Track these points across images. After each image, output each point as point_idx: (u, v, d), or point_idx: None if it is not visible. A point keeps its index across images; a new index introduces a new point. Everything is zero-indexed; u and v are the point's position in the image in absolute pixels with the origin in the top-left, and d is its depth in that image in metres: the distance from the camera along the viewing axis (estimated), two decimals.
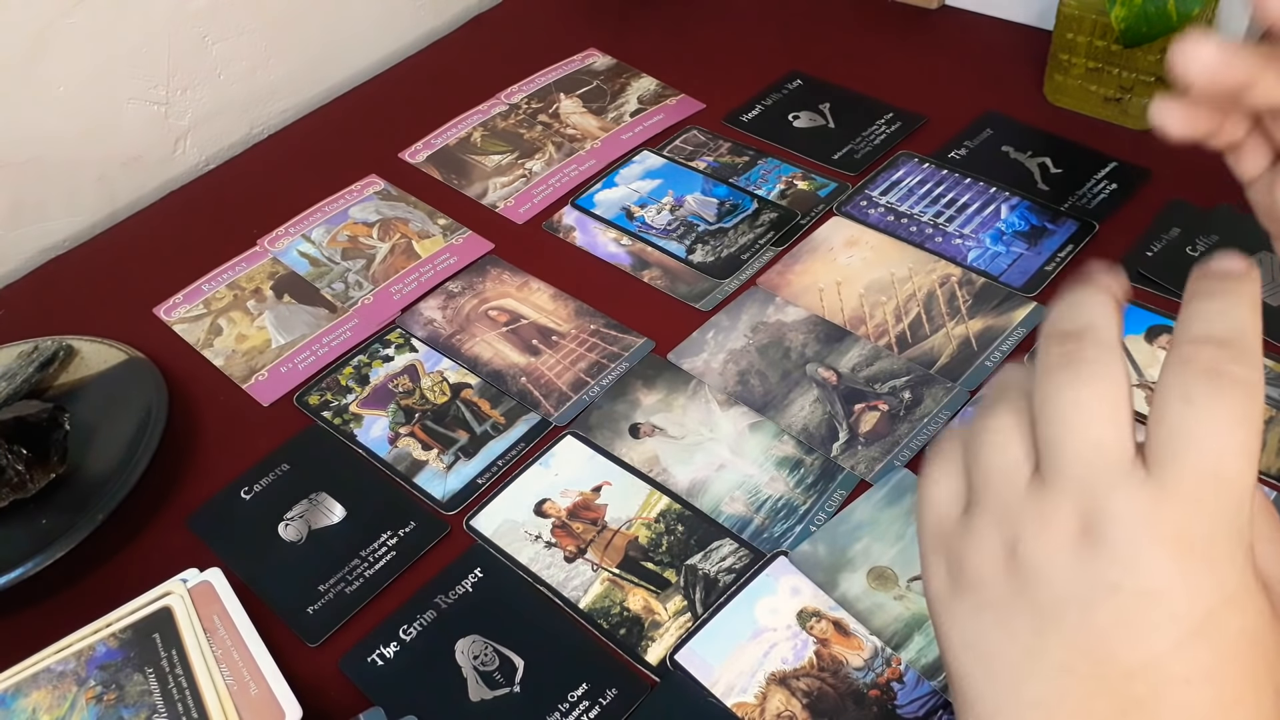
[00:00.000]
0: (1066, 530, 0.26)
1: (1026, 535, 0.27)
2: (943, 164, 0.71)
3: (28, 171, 0.74)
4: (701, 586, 0.50)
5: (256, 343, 0.66)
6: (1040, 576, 0.26)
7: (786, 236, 0.67)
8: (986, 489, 0.28)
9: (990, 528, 0.28)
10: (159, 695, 0.46)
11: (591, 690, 0.47)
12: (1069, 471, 0.26)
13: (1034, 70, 0.76)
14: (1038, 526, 0.27)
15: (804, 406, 0.57)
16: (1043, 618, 0.27)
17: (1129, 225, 0.64)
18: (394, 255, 0.70)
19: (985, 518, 0.28)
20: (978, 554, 0.28)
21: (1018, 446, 0.28)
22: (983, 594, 0.28)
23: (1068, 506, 0.26)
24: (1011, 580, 0.27)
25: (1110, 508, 0.26)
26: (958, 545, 0.29)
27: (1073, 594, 0.26)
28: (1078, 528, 0.26)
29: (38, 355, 0.63)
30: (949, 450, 0.30)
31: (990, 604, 0.28)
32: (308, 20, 0.85)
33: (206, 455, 0.60)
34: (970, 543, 0.28)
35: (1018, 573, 0.27)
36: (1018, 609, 0.27)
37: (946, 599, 0.29)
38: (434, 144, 0.79)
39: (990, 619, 0.28)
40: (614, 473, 0.55)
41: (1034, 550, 0.27)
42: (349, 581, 0.53)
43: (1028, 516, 0.27)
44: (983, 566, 0.28)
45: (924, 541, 0.31)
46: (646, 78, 0.83)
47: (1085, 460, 0.26)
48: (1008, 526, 0.27)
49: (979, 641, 0.28)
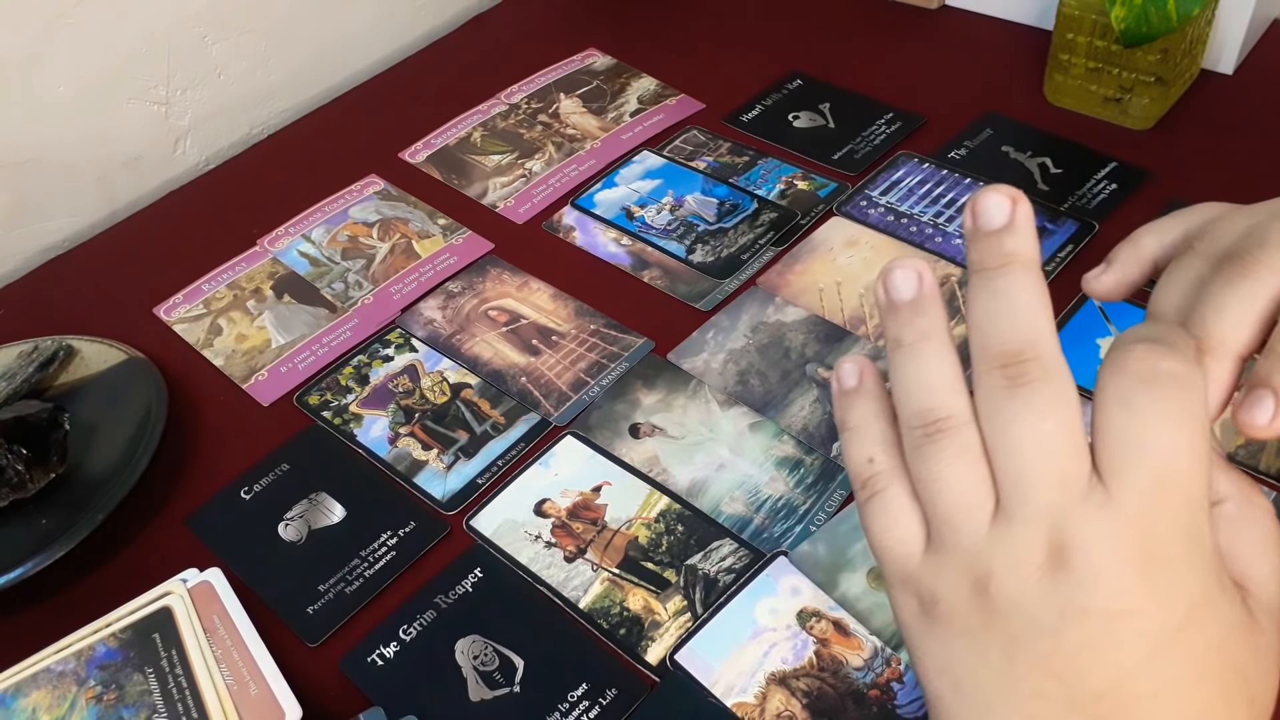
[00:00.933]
0: (1034, 561, 0.26)
1: (997, 570, 0.27)
2: (943, 164, 0.71)
3: (27, 171, 0.74)
4: (701, 586, 0.50)
5: (256, 343, 0.66)
6: (1012, 607, 0.27)
7: (786, 236, 0.67)
8: (950, 532, 0.28)
9: (960, 568, 0.28)
10: (159, 695, 0.46)
11: (591, 690, 0.47)
12: (1034, 506, 0.27)
13: (1034, 70, 0.76)
14: (1008, 562, 0.27)
15: (804, 406, 0.57)
16: (1014, 644, 0.27)
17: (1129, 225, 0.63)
18: (394, 255, 0.70)
19: (953, 559, 0.28)
20: (949, 590, 0.28)
21: (976, 488, 0.28)
22: (954, 625, 0.28)
23: (1036, 541, 0.26)
24: (983, 613, 0.27)
25: (1076, 535, 0.26)
26: (928, 583, 0.29)
27: (1043, 621, 0.26)
28: (1046, 557, 0.26)
29: (38, 355, 0.63)
30: (886, 491, 0.29)
31: (962, 633, 0.28)
32: (308, 20, 0.85)
33: (206, 455, 0.60)
34: (940, 581, 0.28)
35: (989, 606, 0.27)
36: (989, 638, 0.27)
37: (919, 628, 0.29)
38: (434, 144, 0.79)
39: (962, 646, 0.28)
40: (614, 473, 0.55)
41: (1004, 584, 0.27)
42: (349, 581, 0.53)
43: (996, 553, 0.27)
44: (952, 599, 0.28)
45: (889, 581, 0.30)
46: (646, 78, 0.83)
47: (1050, 493, 0.26)
48: (978, 565, 0.27)
49: (952, 667, 0.28)
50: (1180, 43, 0.66)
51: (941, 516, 0.28)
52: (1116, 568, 0.26)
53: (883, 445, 0.30)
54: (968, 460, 0.28)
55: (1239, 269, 0.29)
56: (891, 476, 0.30)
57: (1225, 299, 0.28)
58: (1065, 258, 0.63)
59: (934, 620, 0.29)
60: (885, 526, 0.29)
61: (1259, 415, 0.27)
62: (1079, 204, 0.66)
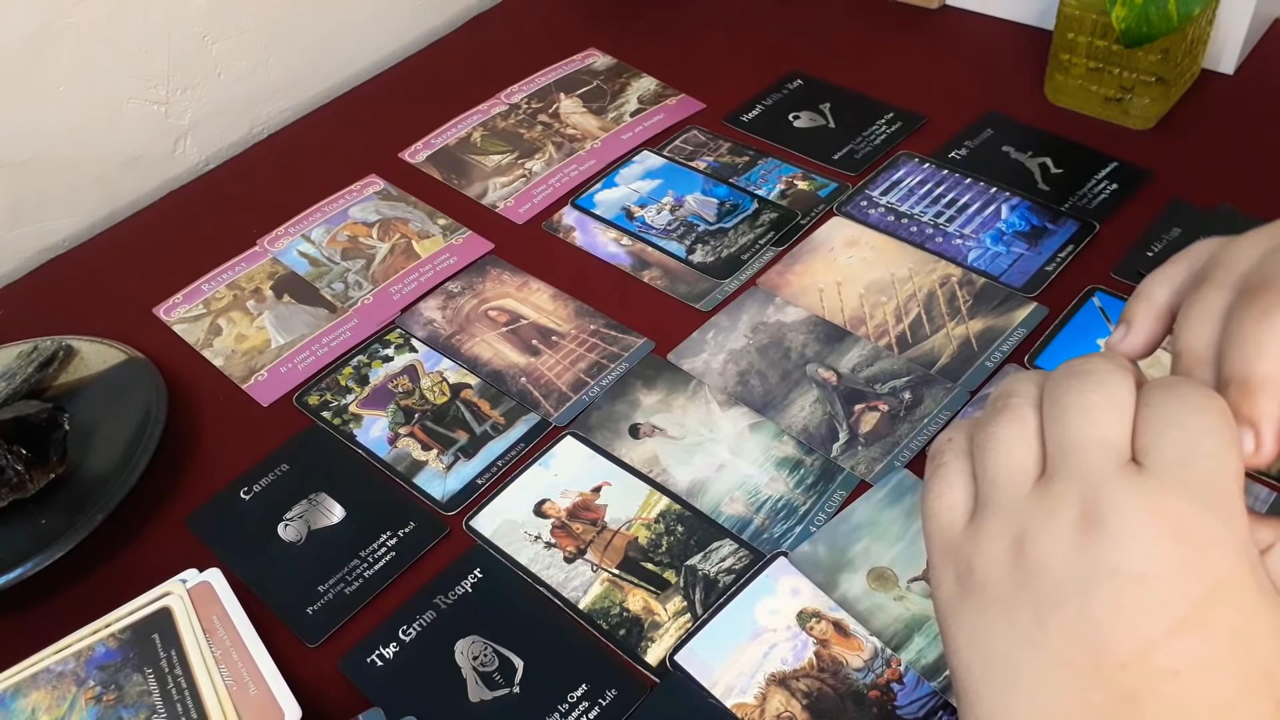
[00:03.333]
0: (1069, 520, 0.28)
1: (1032, 528, 0.28)
2: (943, 164, 0.70)
3: (28, 171, 0.74)
4: (701, 587, 0.50)
5: (256, 343, 0.66)
6: (1044, 566, 0.28)
7: (786, 237, 0.67)
8: (994, 493, 0.30)
9: (998, 528, 0.29)
10: (158, 696, 0.46)
11: (591, 691, 0.47)
12: (1074, 467, 0.28)
13: (1034, 70, 0.76)
14: (1043, 519, 0.28)
15: (804, 407, 0.57)
16: (1044, 606, 0.28)
17: (1130, 225, 0.64)
18: (394, 255, 0.70)
19: (993, 520, 0.29)
20: (985, 555, 0.29)
21: (1025, 452, 0.30)
22: (988, 592, 0.29)
23: (1071, 498, 0.28)
24: (1016, 574, 0.28)
25: (1110, 496, 0.27)
26: (966, 550, 0.30)
27: (1073, 580, 0.27)
28: (1079, 516, 0.28)
29: (37, 355, 0.63)
30: (950, 462, 0.32)
31: (995, 600, 0.29)
32: (308, 20, 0.85)
33: (206, 455, 0.60)
34: (978, 546, 0.30)
35: (1023, 566, 0.28)
36: (1021, 601, 0.28)
37: (954, 603, 0.30)
38: (434, 144, 0.79)
39: (994, 614, 0.29)
40: (614, 473, 0.55)
41: (1039, 541, 0.28)
42: (348, 582, 0.52)
43: (1034, 511, 0.29)
44: (990, 566, 0.29)
45: (932, 552, 0.32)
46: (646, 78, 0.83)
47: (1090, 456, 0.28)
48: (1015, 524, 0.29)
49: (982, 638, 0.29)
50: (1181, 43, 0.66)
51: (989, 477, 0.30)
52: (1148, 531, 0.27)
53: (965, 429, 0.32)
54: (1021, 429, 0.30)
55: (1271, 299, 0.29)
56: (959, 452, 0.32)
57: (1263, 333, 0.29)
58: (1066, 258, 0.63)
59: (968, 592, 0.30)
60: (939, 493, 0.31)
61: None
62: (1080, 204, 0.66)
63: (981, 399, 0.56)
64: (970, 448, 0.32)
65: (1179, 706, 0.26)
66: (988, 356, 0.58)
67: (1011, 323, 0.60)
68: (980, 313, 0.60)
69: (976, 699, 0.29)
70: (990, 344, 0.59)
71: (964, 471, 0.31)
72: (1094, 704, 0.27)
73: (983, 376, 0.57)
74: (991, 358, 0.58)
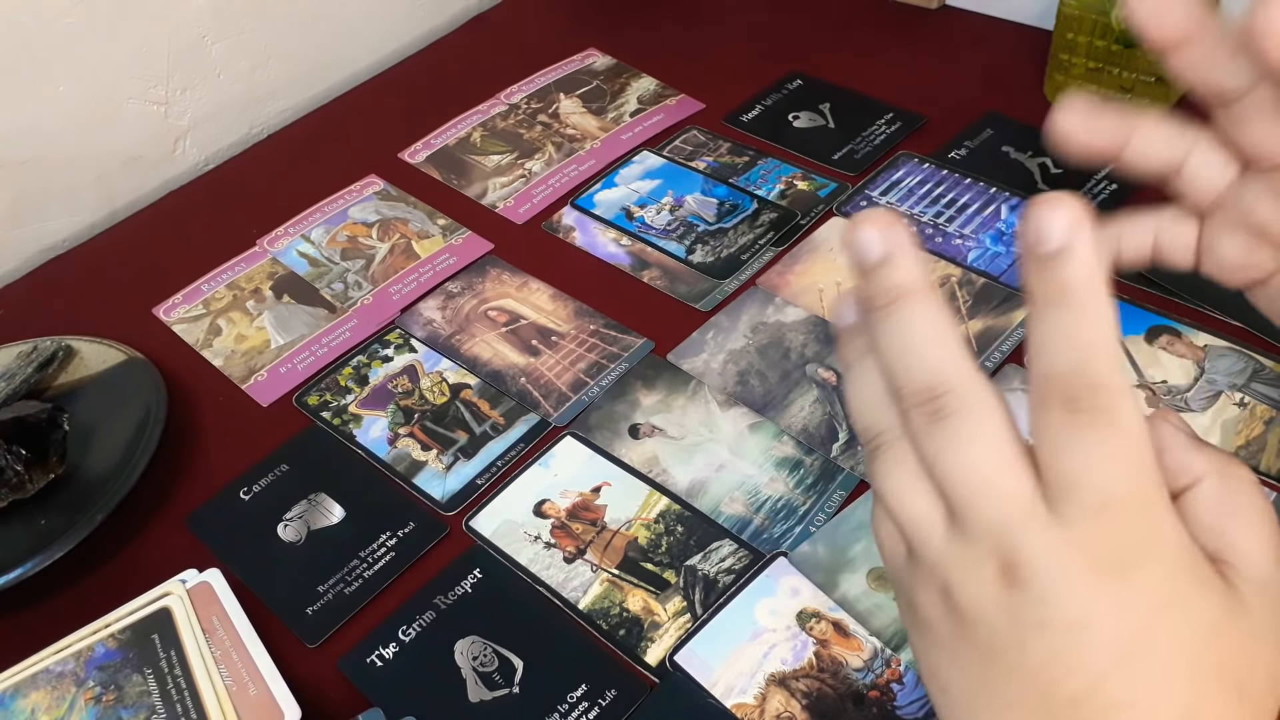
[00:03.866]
0: (988, 576, 0.27)
1: (954, 582, 0.27)
2: (943, 164, 0.70)
3: (28, 171, 0.74)
4: (701, 587, 0.50)
5: (256, 343, 0.66)
6: (974, 619, 0.27)
7: (786, 237, 0.67)
8: (912, 540, 0.28)
9: (925, 577, 0.28)
10: (158, 696, 0.46)
11: (591, 691, 0.47)
12: (980, 525, 0.26)
13: (1034, 70, 0.76)
14: (961, 575, 0.27)
15: (804, 407, 0.57)
16: (985, 655, 0.27)
17: None
18: (393, 255, 0.70)
19: (918, 565, 0.28)
20: (921, 596, 0.29)
21: (920, 501, 0.28)
22: (933, 633, 0.29)
23: (985, 555, 0.26)
24: (951, 623, 0.28)
25: (1024, 552, 0.26)
26: (908, 587, 0.29)
27: (1006, 633, 0.26)
28: (998, 572, 0.26)
29: (37, 355, 0.63)
30: (881, 497, 0.30)
31: (940, 642, 0.28)
32: (308, 20, 0.85)
33: (206, 455, 0.60)
34: (915, 586, 0.29)
35: (955, 616, 0.27)
36: (963, 648, 0.28)
37: (911, 634, 0.30)
38: (434, 144, 0.79)
39: (941, 653, 0.29)
40: (613, 473, 0.55)
41: (964, 593, 0.27)
42: (348, 582, 0.52)
43: (951, 565, 0.27)
44: (927, 609, 0.28)
45: (890, 579, 0.32)
46: (646, 78, 0.83)
47: (992, 512, 0.26)
48: (939, 575, 0.28)
49: (937, 674, 0.29)
50: None
51: (901, 526, 0.28)
52: (1067, 580, 0.25)
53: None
54: (904, 477, 0.28)
55: None
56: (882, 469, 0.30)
57: None
58: None
59: (918, 628, 0.29)
60: (878, 522, 0.30)
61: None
62: None
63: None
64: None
65: None
66: (987, 357, 0.58)
67: (1011, 323, 0.60)
68: (980, 313, 0.60)
69: None
70: (990, 344, 0.59)
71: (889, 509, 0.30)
72: None
73: None
74: (991, 358, 0.58)
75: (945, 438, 0.26)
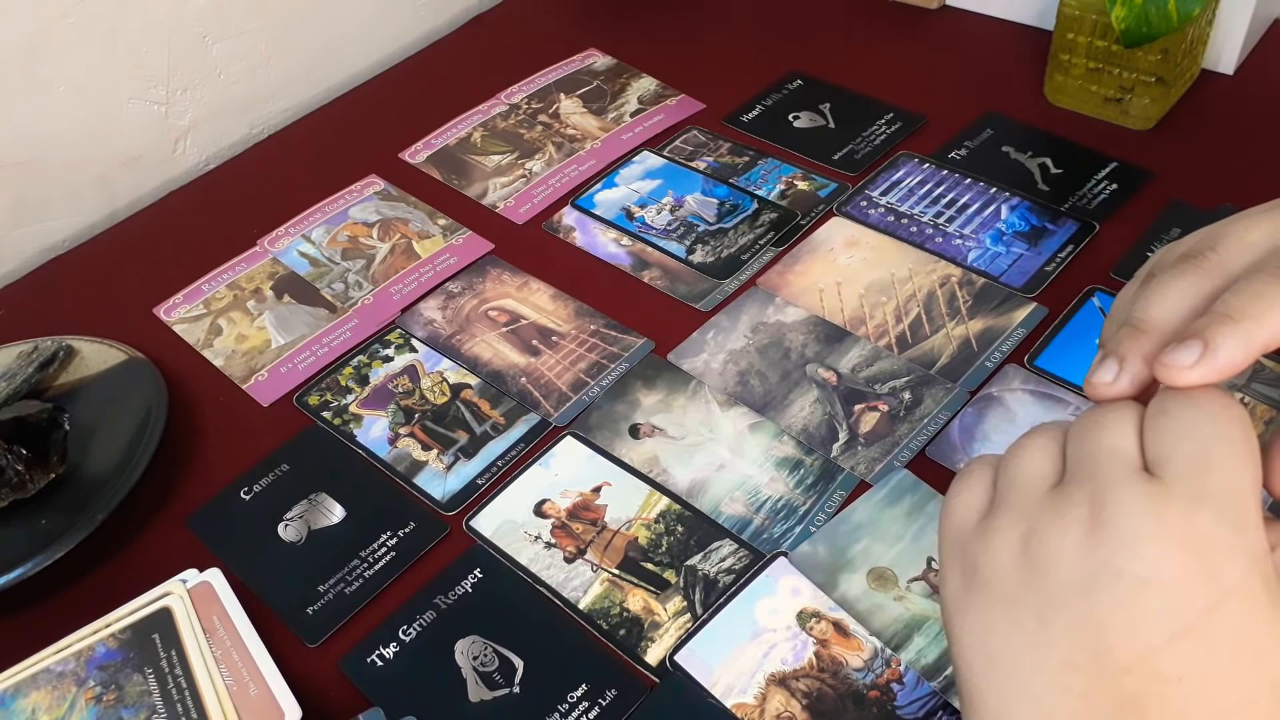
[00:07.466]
0: (1077, 520, 0.28)
1: (1040, 525, 0.29)
2: (943, 164, 0.71)
3: (28, 171, 0.74)
4: (701, 587, 0.50)
5: (256, 343, 0.66)
6: (1049, 564, 0.28)
7: (786, 237, 0.67)
8: (1010, 492, 0.31)
9: (1008, 525, 0.30)
10: (158, 696, 0.46)
11: (591, 691, 0.47)
12: (1086, 470, 0.29)
13: (1034, 70, 0.76)
14: (1051, 516, 0.29)
15: (804, 407, 0.57)
16: (1048, 607, 0.28)
17: (1130, 225, 0.64)
18: (394, 255, 0.70)
19: (1004, 517, 0.30)
20: (992, 552, 0.30)
21: (1045, 460, 0.31)
22: (993, 590, 0.29)
23: (1081, 499, 0.28)
24: (1021, 572, 0.29)
25: (1119, 499, 0.27)
26: (974, 547, 0.31)
27: (1078, 580, 0.27)
28: (1088, 516, 0.28)
29: (38, 355, 0.63)
30: (975, 469, 0.33)
31: (1000, 598, 0.29)
32: (308, 20, 0.85)
33: (206, 455, 0.60)
34: (987, 543, 0.30)
35: (1028, 564, 0.29)
36: (1025, 600, 0.28)
37: (959, 601, 0.31)
38: (434, 144, 0.79)
39: (998, 613, 0.29)
40: (614, 473, 0.55)
41: (1046, 539, 0.28)
42: (348, 582, 0.52)
43: (1044, 510, 0.29)
44: (995, 562, 0.30)
45: (943, 548, 0.32)
46: (646, 78, 0.83)
47: (1101, 461, 0.29)
48: (1024, 521, 0.29)
49: (987, 638, 0.29)
50: (1181, 43, 0.66)
51: (1009, 480, 0.31)
52: (1155, 536, 0.27)
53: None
54: (1046, 443, 0.31)
55: (1189, 264, 0.31)
56: (985, 462, 0.33)
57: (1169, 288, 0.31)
58: (1065, 258, 0.63)
59: (973, 589, 0.30)
60: (957, 492, 0.32)
61: (1183, 357, 0.29)
62: (1079, 204, 0.66)
63: (982, 399, 0.56)
64: (998, 462, 0.33)
65: (1180, 713, 0.26)
66: (987, 356, 0.58)
67: (1011, 323, 0.60)
68: (980, 313, 0.60)
69: (980, 700, 0.29)
70: (990, 344, 0.59)
71: (986, 476, 0.32)
72: (1096, 707, 0.27)
73: (982, 376, 0.57)
74: (991, 358, 0.58)
75: (1093, 409, 0.31)
